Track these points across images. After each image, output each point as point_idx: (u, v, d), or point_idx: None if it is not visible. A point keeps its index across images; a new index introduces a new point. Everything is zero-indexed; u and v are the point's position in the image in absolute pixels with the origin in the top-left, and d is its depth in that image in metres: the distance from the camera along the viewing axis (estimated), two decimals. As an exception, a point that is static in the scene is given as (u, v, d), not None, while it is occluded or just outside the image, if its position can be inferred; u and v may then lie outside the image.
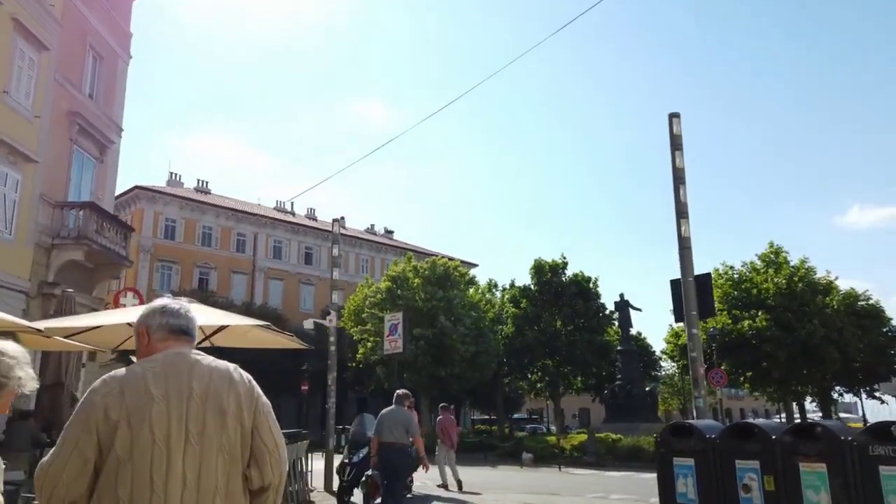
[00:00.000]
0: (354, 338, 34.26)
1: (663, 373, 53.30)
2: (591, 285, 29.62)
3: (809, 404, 42.61)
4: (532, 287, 29.92)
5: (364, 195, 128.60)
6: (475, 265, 61.73)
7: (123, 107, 23.51)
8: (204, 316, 11.37)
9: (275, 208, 58.70)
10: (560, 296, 28.92)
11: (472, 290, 35.18)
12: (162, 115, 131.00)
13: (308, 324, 14.43)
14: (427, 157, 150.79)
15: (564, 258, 30.08)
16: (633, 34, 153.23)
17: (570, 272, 29.79)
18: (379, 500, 8.60)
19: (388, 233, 69.07)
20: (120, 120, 23.15)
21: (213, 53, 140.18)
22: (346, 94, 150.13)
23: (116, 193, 48.73)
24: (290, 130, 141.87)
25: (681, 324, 33.42)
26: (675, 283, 8.91)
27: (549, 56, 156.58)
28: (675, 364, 37.98)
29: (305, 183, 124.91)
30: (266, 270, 52.29)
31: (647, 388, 38.19)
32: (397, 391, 8.94)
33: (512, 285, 31.84)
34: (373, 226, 68.17)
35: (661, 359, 51.94)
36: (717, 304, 30.88)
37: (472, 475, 18.36)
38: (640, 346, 44.19)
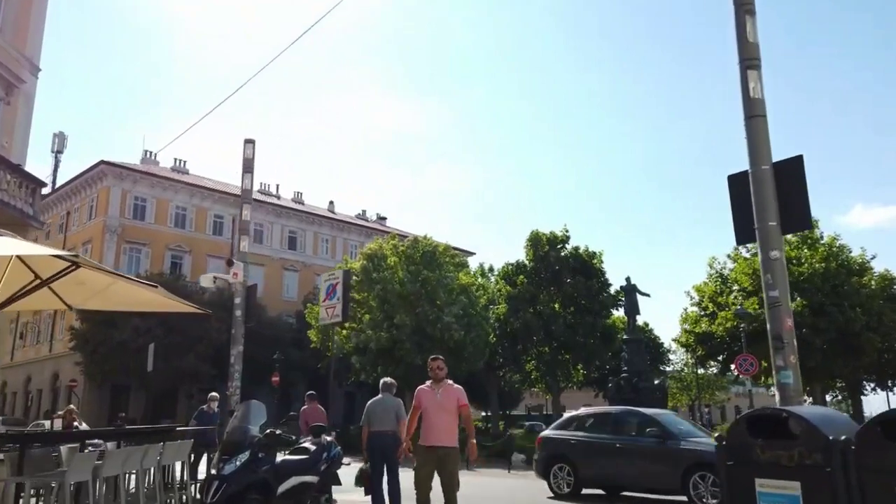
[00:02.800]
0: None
1: (672, 367, 49.60)
2: (594, 261, 25.73)
3: (831, 399, 38.91)
4: (527, 263, 26.05)
5: (359, 183, 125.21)
6: (472, 253, 58.15)
7: (41, 44, 19.92)
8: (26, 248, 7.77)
9: (259, 190, 55.11)
10: (559, 273, 25.11)
11: (462, 274, 31.56)
12: (145, 97, 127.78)
13: (206, 280, 10.71)
14: (425, 147, 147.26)
15: (566, 230, 26.24)
16: (634, 35, 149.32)
17: (571, 247, 25.83)
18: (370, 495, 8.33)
19: (381, 219, 65.57)
20: (36, 58, 19.57)
21: (205, 43, 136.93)
22: (339, 85, 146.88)
23: (81, 170, 45.90)
24: (285, 121, 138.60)
25: (694, 309, 29.81)
26: (737, 179, 5.26)
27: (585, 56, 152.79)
28: (690, 354, 34.19)
29: (295, 172, 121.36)
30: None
31: (655, 381, 34.62)
32: (383, 379, 8.92)
33: (506, 265, 27.96)
34: (364, 211, 64.70)
35: (669, 351, 48.35)
36: (744, 283, 27.16)
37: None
38: (647, 338, 40.58)
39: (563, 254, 24.96)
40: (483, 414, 43.16)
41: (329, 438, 8.01)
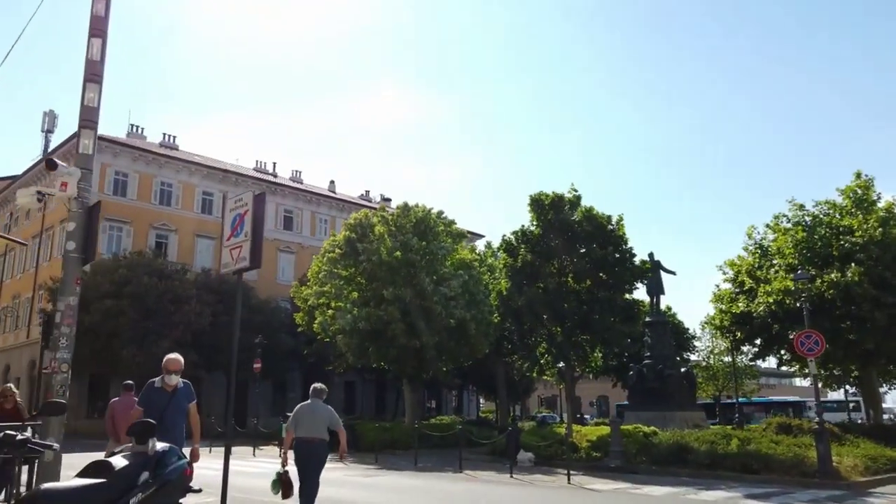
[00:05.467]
0: (309, 303, 27.25)
1: (697, 355, 45.71)
2: (612, 225, 21.65)
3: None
4: (534, 230, 22.14)
5: (364, 169, 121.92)
6: (481, 236, 54.62)
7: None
8: None
9: (255, 168, 51.87)
10: (571, 241, 21.26)
11: (461, 248, 28.11)
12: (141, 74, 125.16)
13: (24, 196, 7.17)
14: (438, 136, 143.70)
15: (575, 190, 22.28)
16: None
17: (583, 207, 21.67)
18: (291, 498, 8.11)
19: (386, 200, 62.08)
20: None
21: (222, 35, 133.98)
22: (352, 78, 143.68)
23: (57, 143, 42.92)
24: (296, 111, 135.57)
25: (727, 285, 26.18)
26: None
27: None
28: (724, 338, 30.38)
29: (301, 160, 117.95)
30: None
31: (682, 369, 30.99)
32: (314, 385, 8.76)
33: (512, 233, 24.04)
34: (367, 192, 61.24)
35: (694, 337, 44.58)
36: (788, 258, 23.44)
37: (409, 492, 11.30)
38: (671, 322, 36.82)
39: (573, 218, 21.05)
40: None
41: (162, 447, 4.55)
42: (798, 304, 21.83)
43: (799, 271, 17.47)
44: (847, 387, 37.23)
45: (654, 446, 17.21)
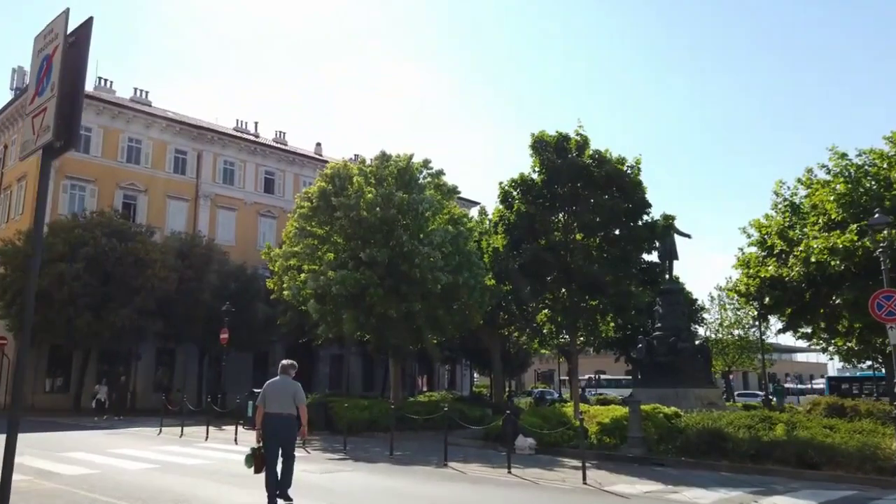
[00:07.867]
0: (278, 264, 24.10)
1: (705, 328, 42.85)
2: (626, 169, 18.00)
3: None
4: (536, 178, 18.67)
5: (357, 133, 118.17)
6: (476, 203, 51.42)
7: None
8: None
9: (234, 128, 48.30)
10: (580, 188, 17.82)
11: (453, 206, 25.05)
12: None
13: None
14: (443, 108, 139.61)
15: (581, 128, 17.97)
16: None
17: (593, 151, 18.00)
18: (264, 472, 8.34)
19: (377, 164, 58.69)
20: None
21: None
22: (350, 48, 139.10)
23: (11, 96, 39.38)
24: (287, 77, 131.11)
25: (753, 249, 23.04)
26: None
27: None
28: (749, 306, 27.40)
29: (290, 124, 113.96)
30: (213, 197, 42.16)
31: (696, 342, 28.12)
32: (282, 361, 9.05)
33: (508, 181, 20.47)
34: (357, 156, 57.70)
35: (703, 309, 41.76)
36: (831, 214, 20.42)
37: (373, 499, 8.26)
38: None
39: (581, 161, 17.56)
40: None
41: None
42: (842, 267, 18.94)
43: (877, 214, 14.33)
44: (870, 362, 34.45)
45: (681, 432, 14.28)
